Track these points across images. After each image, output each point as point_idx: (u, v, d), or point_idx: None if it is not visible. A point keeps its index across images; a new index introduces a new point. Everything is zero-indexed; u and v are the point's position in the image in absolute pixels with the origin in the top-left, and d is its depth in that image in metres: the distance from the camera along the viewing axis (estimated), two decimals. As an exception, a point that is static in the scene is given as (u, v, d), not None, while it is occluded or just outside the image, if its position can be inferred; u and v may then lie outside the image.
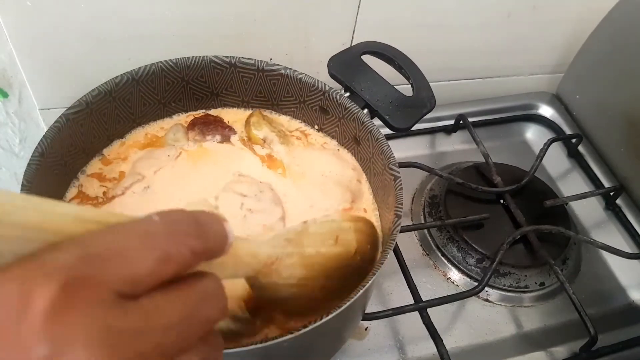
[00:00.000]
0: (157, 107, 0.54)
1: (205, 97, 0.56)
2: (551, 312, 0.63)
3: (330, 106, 0.54)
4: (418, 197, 0.71)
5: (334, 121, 0.55)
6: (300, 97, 0.55)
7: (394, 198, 0.46)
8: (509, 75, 0.85)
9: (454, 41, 0.76)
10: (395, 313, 0.54)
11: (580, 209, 0.73)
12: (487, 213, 0.64)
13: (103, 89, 0.48)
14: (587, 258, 0.68)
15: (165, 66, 0.51)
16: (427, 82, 0.55)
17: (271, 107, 0.58)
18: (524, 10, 0.75)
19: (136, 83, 0.51)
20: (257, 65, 0.53)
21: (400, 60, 0.55)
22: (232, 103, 0.57)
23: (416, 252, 0.66)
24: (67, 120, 0.46)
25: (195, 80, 0.54)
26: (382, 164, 0.50)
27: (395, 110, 0.53)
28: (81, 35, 0.59)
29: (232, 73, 0.54)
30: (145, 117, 0.54)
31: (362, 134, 0.52)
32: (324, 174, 0.53)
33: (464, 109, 0.78)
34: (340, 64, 0.54)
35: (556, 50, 0.84)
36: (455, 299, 0.57)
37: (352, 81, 0.53)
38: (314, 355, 0.48)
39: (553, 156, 0.77)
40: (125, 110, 0.52)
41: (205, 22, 0.62)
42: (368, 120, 0.52)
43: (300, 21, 0.66)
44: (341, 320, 0.42)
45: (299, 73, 0.53)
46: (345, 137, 0.56)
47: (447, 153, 0.77)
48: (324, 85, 0.53)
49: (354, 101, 0.53)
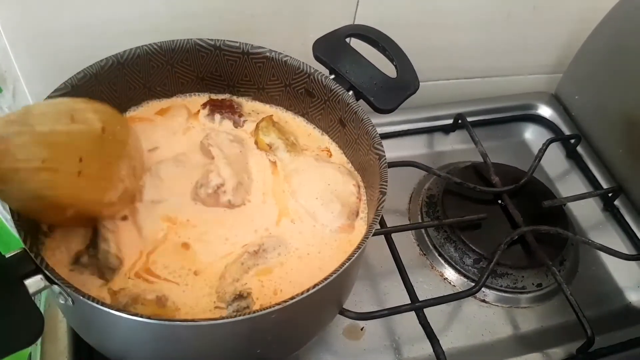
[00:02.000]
0: (142, 91, 0.54)
1: (191, 82, 0.56)
2: (548, 313, 0.63)
3: (315, 89, 0.54)
4: (415, 196, 0.70)
5: (319, 104, 0.55)
6: (286, 81, 0.55)
7: (378, 177, 0.46)
8: (508, 75, 0.84)
9: (453, 40, 0.76)
10: (391, 313, 0.53)
11: (578, 209, 0.73)
12: (485, 213, 0.64)
13: (88, 71, 0.48)
14: (585, 259, 0.68)
15: (150, 49, 0.51)
16: (411, 64, 0.55)
17: (256, 92, 0.58)
18: (524, 10, 0.75)
19: (121, 66, 0.51)
20: (242, 48, 0.53)
21: (384, 43, 0.56)
22: (218, 88, 0.57)
23: (413, 251, 0.65)
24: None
25: (181, 64, 0.54)
26: (367, 144, 0.50)
27: (380, 91, 0.53)
28: (76, 30, 0.58)
29: (217, 56, 0.54)
30: (130, 101, 0.54)
31: (348, 115, 0.53)
32: (325, 187, 0.52)
33: (462, 108, 0.78)
34: (326, 46, 0.55)
35: (555, 50, 0.83)
36: (452, 299, 0.57)
37: (337, 63, 0.54)
38: (301, 331, 0.48)
39: (551, 156, 0.77)
40: (111, 94, 0.52)
41: (202, 18, 0.62)
42: (353, 101, 0.52)
43: (298, 18, 0.66)
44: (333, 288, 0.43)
45: (284, 55, 0.53)
46: (330, 120, 0.56)
47: (445, 152, 0.77)
48: (309, 68, 0.53)
49: (339, 83, 0.53)
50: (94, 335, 0.45)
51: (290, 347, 0.48)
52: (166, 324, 0.35)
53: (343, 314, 0.50)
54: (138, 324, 0.35)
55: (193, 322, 0.35)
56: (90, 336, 0.45)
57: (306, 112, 0.57)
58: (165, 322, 0.35)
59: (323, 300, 0.45)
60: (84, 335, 0.46)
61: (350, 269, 0.41)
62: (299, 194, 0.51)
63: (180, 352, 0.41)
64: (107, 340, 0.44)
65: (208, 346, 0.40)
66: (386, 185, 0.45)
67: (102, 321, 0.39)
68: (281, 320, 0.39)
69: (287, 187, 0.52)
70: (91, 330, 0.44)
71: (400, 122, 0.75)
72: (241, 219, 0.49)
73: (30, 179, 0.35)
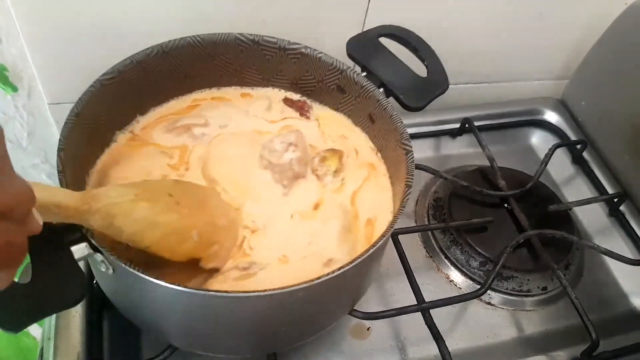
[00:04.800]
0: (183, 80, 0.56)
1: (229, 74, 0.58)
2: (553, 316, 0.63)
3: (347, 85, 0.56)
4: (422, 199, 0.71)
5: (350, 100, 0.57)
6: (319, 76, 0.57)
7: (404, 170, 0.48)
8: (514, 80, 0.85)
9: (460, 46, 0.76)
10: (397, 313, 0.54)
11: (584, 214, 0.74)
12: (491, 216, 0.65)
13: (135, 58, 0.51)
14: (590, 264, 0.69)
15: (193, 41, 0.53)
16: (441, 65, 0.57)
17: (289, 86, 0.60)
18: (531, 17, 0.76)
19: (166, 56, 0.53)
20: (279, 43, 0.55)
21: (416, 43, 0.57)
22: (254, 81, 0.59)
23: (419, 253, 0.66)
24: (101, 85, 0.48)
25: (221, 57, 0.56)
26: (395, 139, 0.52)
27: (410, 90, 0.54)
28: (92, 31, 0.60)
29: (255, 50, 0.56)
30: (171, 90, 0.57)
31: (377, 111, 0.54)
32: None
33: (469, 112, 0.78)
34: (358, 45, 0.56)
35: (562, 56, 0.84)
36: (458, 300, 0.58)
37: (369, 61, 0.55)
38: (323, 314, 0.49)
39: (557, 161, 0.77)
40: (155, 81, 0.54)
41: (215, 22, 0.63)
42: (383, 98, 0.53)
43: (309, 23, 0.67)
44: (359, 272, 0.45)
45: (318, 52, 0.55)
46: (360, 116, 0.57)
47: (452, 156, 0.78)
48: (341, 64, 0.55)
49: (370, 80, 0.54)
50: (129, 303, 0.47)
51: (303, 333, 0.49)
52: (200, 293, 0.38)
53: (350, 313, 0.51)
54: (173, 292, 0.37)
55: (225, 294, 0.37)
56: (126, 305, 0.48)
57: (337, 108, 0.59)
58: (200, 292, 0.38)
59: (341, 289, 0.46)
60: (121, 305, 0.48)
61: (373, 258, 0.43)
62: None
63: (209, 322, 0.43)
64: (142, 309, 0.46)
65: (237, 318, 0.42)
66: (412, 179, 0.47)
67: (139, 289, 0.41)
68: (302, 301, 0.41)
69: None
70: (128, 298, 0.46)
71: (408, 125, 0.75)
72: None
73: (132, 209, 0.38)
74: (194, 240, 0.42)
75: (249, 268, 0.47)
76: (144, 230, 0.39)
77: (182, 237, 0.41)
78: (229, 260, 0.46)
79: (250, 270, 0.46)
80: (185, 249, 0.42)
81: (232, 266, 0.46)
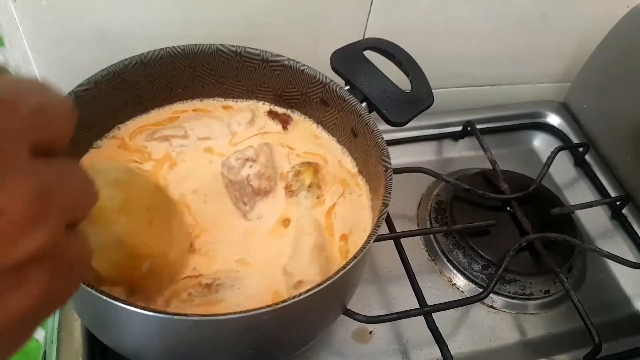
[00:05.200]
0: (164, 92, 0.55)
1: (211, 85, 0.57)
2: (555, 320, 0.63)
3: (330, 98, 0.55)
4: (424, 202, 0.71)
5: (333, 113, 0.56)
6: (302, 89, 0.56)
7: (383, 188, 0.47)
8: (516, 84, 0.85)
9: (462, 48, 0.77)
10: (400, 317, 0.54)
11: (586, 217, 0.74)
12: (494, 220, 0.64)
13: (112, 69, 0.50)
14: (593, 267, 0.68)
15: (173, 52, 0.53)
16: (426, 79, 0.56)
17: (273, 99, 0.59)
18: (533, 19, 0.76)
19: (145, 66, 0.52)
20: (261, 55, 0.55)
21: (401, 57, 0.56)
22: (237, 93, 0.59)
23: (421, 257, 0.66)
24: (75, 96, 0.47)
25: (202, 67, 0.55)
26: (375, 155, 0.51)
27: (393, 105, 0.54)
28: (95, 36, 0.60)
29: (238, 62, 0.55)
30: (152, 101, 0.56)
31: (360, 126, 0.53)
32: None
33: (471, 115, 0.78)
34: (343, 58, 0.56)
35: (564, 58, 0.84)
36: (461, 304, 0.58)
37: (353, 75, 0.54)
38: (297, 332, 0.48)
39: (560, 164, 0.77)
40: (133, 92, 0.53)
41: (216, 25, 0.63)
42: (365, 113, 0.53)
43: (309, 26, 0.67)
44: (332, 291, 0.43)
45: (301, 65, 0.55)
46: (343, 130, 0.57)
47: (454, 159, 0.78)
48: (324, 78, 0.54)
49: (353, 94, 0.54)
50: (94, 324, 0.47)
51: (289, 348, 0.49)
52: (160, 316, 0.36)
53: (352, 317, 0.51)
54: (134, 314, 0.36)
55: (185, 317, 0.35)
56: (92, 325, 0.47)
57: (320, 122, 0.58)
58: (160, 315, 0.36)
59: (317, 307, 0.44)
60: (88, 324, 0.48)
61: (347, 277, 0.41)
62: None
63: (174, 344, 0.42)
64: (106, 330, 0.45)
65: (204, 341, 0.40)
66: (389, 197, 0.45)
67: (100, 309, 0.40)
68: (274, 322, 0.39)
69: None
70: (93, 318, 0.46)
71: (409, 128, 0.75)
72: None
73: (114, 221, 0.35)
74: (141, 271, 0.39)
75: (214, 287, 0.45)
76: (107, 249, 0.36)
77: (134, 265, 0.38)
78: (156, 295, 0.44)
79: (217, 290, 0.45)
80: (128, 275, 0.40)
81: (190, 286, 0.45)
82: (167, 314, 0.36)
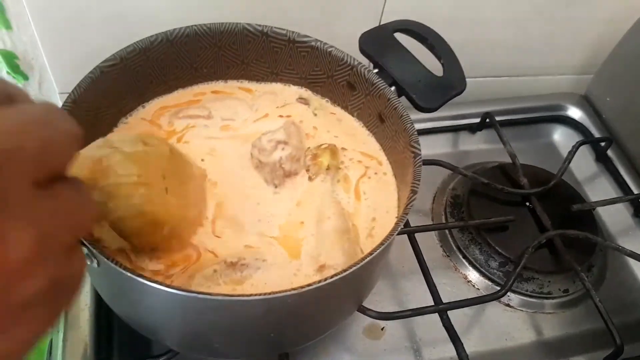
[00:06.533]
0: (188, 71, 0.54)
1: (235, 65, 0.56)
2: (574, 319, 0.61)
3: (357, 82, 0.53)
4: (440, 196, 0.69)
5: (359, 97, 0.55)
6: (329, 72, 0.55)
7: (411, 174, 0.45)
8: (537, 75, 0.82)
9: (482, 37, 0.74)
10: (414, 314, 0.52)
11: (607, 214, 0.71)
12: (512, 215, 0.62)
13: (138, 46, 0.49)
14: (613, 265, 0.66)
15: (199, 30, 0.51)
16: (459, 64, 0.54)
17: (298, 81, 0.57)
18: (557, 8, 0.73)
19: (170, 44, 0.51)
20: (288, 36, 0.53)
21: (434, 40, 0.54)
22: (261, 75, 0.57)
23: (436, 252, 0.64)
24: (101, 72, 0.46)
25: (227, 47, 0.54)
26: (404, 141, 0.49)
27: (424, 89, 0.51)
28: (103, 20, 0.58)
29: (264, 42, 0.54)
30: (176, 80, 0.55)
31: (387, 111, 0.52)
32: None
33: (489, 107, 0.76)
34: (372, 40, 0.53)
35: (587, 50, 0.81)
36: (477, 302, 0.56)
37: (382, 58, 0.52)
38: (315, 321, 0.47)
39: (580, 159, 0.75)
40: (159, 70, 0.52)
41: (230, 9, 0.61)
42: (394, 97, 0.51)
43: (326, 10, 0.65)
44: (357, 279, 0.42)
45: (329, 46, 0.53)
46: (370, 115, 0.55)
47: (471, 152, 0.75)
48: (352, 60, 0.53)
49: (381, 78, 0.52)
50: (118, 302, 0.46)
51: (303, 336, 0.48)
52: (180, 293, 0.35)
53: (365, 312, 0.50)
54: (153, 289, 0.35)
55: (208, 295, 0.35)
56: (111, 299, 0.46)
57: (345, 105, 0.57)
58: (179, 292, 0.35)
59: (339, 294, 0.44)
60: (111, 304, 0.47)
61: (371, 266, 0.40)
62: None
63: (194, 323, 0.41)
64: (131, 309, 0.45)
65: (225, 321, 0.40)
66: (418, 184, 0.44)
67: (121, 286, 0.40)
68: (296, 306, 0.39)
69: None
70: (115, 296, 0.45)
71: (425, 119, 0.74)
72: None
73: (132, 193, 0.37)
74: (163, 234, 0.40)
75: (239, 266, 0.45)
76: (130, 218, 0.38)
77: (155, 230, 0.40)
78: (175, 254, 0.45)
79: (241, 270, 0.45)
80: (150, 240, 0.41)
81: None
82: (191, 292, 0.35)
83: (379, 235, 0.49)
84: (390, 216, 0.50)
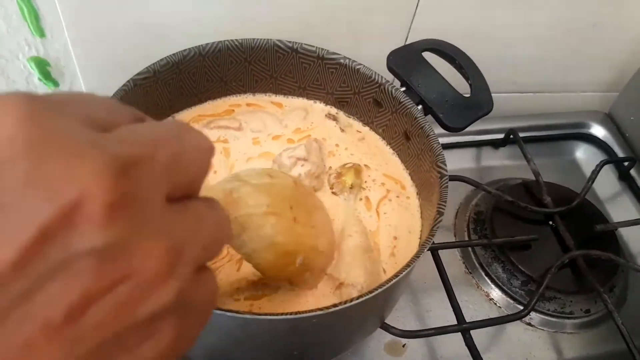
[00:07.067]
0: (218, 84, 0.56)
1: (264, 80, 0.57)
2: (595, 340, 0.61)
3: (384, 99, 0.54)
4: (462, 211, 0.69)
5: (386, 114, 0.55)
6: (356, 88, 0.55)
7: (437, 195, 0.46)
8: (561, 92, 0.82)
9: (508, 54, 0.74)
10: (437, 333, 0.52)
11: (629, 234, 0.71)
12: (535, 234, 0.62)
13: (171, 59, 0.50)
14: (635, 287, 0.66)
15: (231, 45, 0.53)
16: (487, 85, 0.54)
17: (325, 97, 0.58)
18: (583, 27, 0.73)
19: (202, 58, 0.52)
20: (317, 52, 0.54)
21: (462, 60, 0.54)
22: (289, 89, 0.58)
23: (458, 269, 0.64)
24: (134, 84, 0.47)
25: (257, 62, 0.55)
26: (430, 161, 0.49)
27: (451, 109, 0.52)
28: (137, 30, 0.59)
29: (293, 58, 0.55)
30: (206, 93, 0.56)
31: (413, 129, 0.52)
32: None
33: (512, 123, 0.76)
34: (400, 58, 0.54)
35: (612, 68, 0.81)
36: (500, 322, 0.56)
37: (410, 76, 0.53)
38: (338, 339, 0.47)
39: (603, 178, 0.74)
40: (189, 83, 0.53)
41: (260, 24, 0.62)
42: (421, 116, 0.51)
43: (352, 27, 0.65)
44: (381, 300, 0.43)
45: (357, 64, 0.54)
46: (395, 132, 0.55)
47: (494, 168, 0.75)
48: (380, 78, 0.53)
49: (409, 96, 0.52)
50: None
51: (326, 353, 0.48)
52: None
53: (388, 330, 0.50)
54: None
55: (235, 314, 0.35)
56: None
57: (371, 122, 0.57)
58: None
59: (363, 314, 0.44)
60: None
61: (396, 287, 0.40)
62: None
63: (219, 339, 0.41)
64: None
65: (249, 338, 0.40)
66: (444, 206, 0.44)
67: None
68: (320, 325, 0.39)
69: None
70: None
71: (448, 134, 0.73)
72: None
73: (263, 224, 0.37)
74: (296, 266, 0.40)
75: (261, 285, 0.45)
76: (263, 250, 0.38)
77: (288, 261, 0.40)
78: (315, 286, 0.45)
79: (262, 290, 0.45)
80: (285, 272, 0.41)
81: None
82: (218, 310, 0.35)
83: (401, 254, 0.49)
84: (412, 236, 0.50)
